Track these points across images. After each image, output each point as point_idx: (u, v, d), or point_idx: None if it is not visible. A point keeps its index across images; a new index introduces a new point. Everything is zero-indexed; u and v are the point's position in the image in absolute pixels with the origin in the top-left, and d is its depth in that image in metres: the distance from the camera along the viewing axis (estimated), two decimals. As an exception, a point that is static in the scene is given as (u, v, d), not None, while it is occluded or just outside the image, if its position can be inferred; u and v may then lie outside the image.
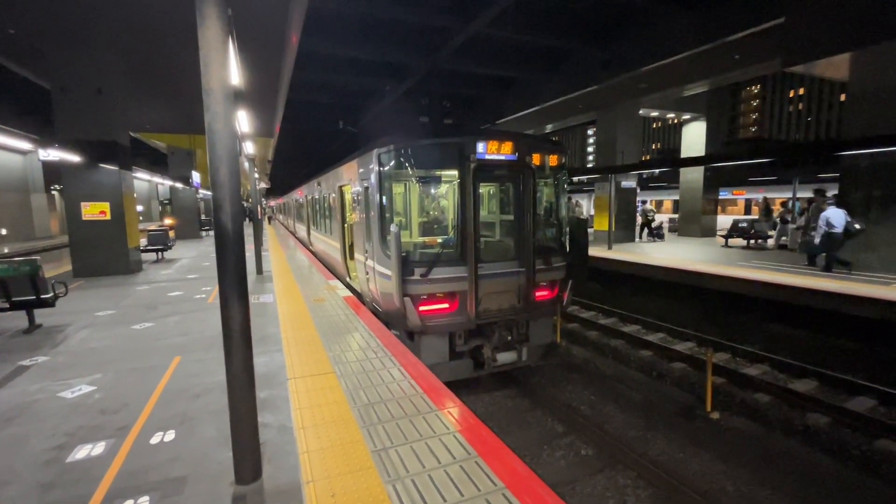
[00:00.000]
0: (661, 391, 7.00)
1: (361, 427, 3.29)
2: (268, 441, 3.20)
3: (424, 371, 4.41)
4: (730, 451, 5.29)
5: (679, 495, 4.49)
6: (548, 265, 6.50)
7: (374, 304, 6.88)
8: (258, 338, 5.65)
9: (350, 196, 8.38)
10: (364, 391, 3.92)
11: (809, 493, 4.56)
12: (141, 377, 4.50)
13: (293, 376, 4.28)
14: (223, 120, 2.33)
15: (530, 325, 6.59)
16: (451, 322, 5.99)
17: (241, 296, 2.41)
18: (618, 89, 13.45)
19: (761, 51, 9.99)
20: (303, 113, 18.27)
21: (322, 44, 10.82)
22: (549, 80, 13.84)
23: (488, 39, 11.07)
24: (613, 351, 8.73)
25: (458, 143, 5.92)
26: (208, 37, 2.21)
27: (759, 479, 4.78)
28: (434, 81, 13.21)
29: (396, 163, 6.04)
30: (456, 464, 2.82)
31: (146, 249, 13.68)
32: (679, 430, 5.78)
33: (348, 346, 5.17)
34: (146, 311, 7.27)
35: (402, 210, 7.53)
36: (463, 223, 5.92)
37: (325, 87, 15.46)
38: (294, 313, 6.70)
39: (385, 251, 6.00)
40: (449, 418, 3.43)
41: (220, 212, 2.36)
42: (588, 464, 5.15)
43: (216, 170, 2.36)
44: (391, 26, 10.80)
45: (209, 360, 4.95)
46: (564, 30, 10.83)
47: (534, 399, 6.68)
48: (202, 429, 3.45)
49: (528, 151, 6.23)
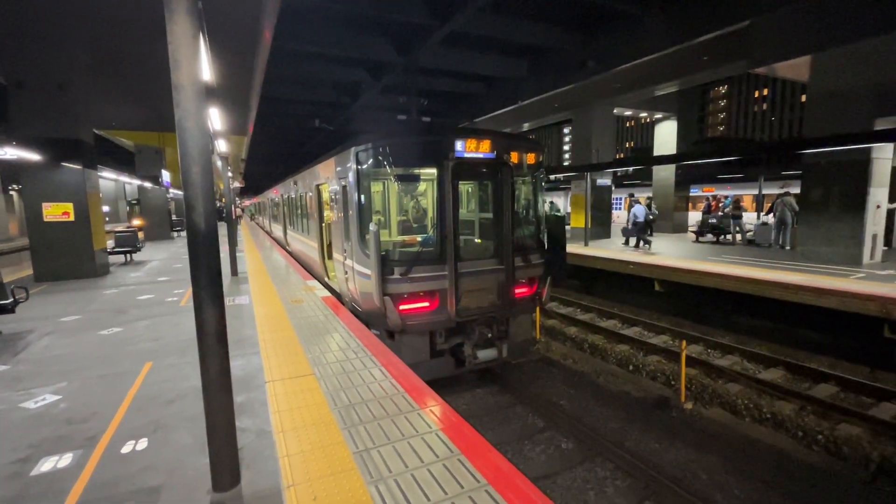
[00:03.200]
0: (636, 383, 7.17)
1: (343, 428, 3.26)
2: (246, 446, 3.13)
3: (405, 370, 4.39)
4: (702, 439, 5.47)
5: (655, 485, 4.62)
6: (526, 262, 6.57)
7: (354, 304, 6.81)
8: (234, 340, 5.51)
9: (328, 195, 8.26)
10: (345, 392, 3.88)
11: (777, 477, 4.76)
12: (110, 384, 4.34)
13: (271, 379, 4.19)
14: (194, 117, 2.26)
15: (510, 321, 6.65)
16: (432, 320, 5.99)
17: (215, 297, 2.35)
18: (593, 88, 13.69)
19: (728, 53, 10.34)
20: (278, 110, 17.89)
21: (296, 40, 10.60)
22: (527, 78, 13.96)
23: (466, 37, 11.08)
24: (591, 346, 8.90)
25: (436, 142, 5.91)
26: (177, 31, 2.14)
27: (731, 466, 4.96)
28: (412, 79, 13.13)
29: (374, 161, 5.99)
30: (439, 462, 2.82)
31: (113, 252, 13.17)
32: (654, 421, 5.94)
33: (328, 346, 5.11)
34: (114, 315, 7.01)
35: (382, 209, 7.47)
36: (442, 221, 5.92)
37: (301, 84, 15.18)
38: (271, 315, 6.57)
39: (364, 250, 5.95)
40: (431, 417, 3.43)
41: (193, 212, 2.30)
42: (568, 457, 5.24)
43: (188, 168, 2.29)
44: (368, 23, 10.68)
45: (183, 364, 4.80)
46: (541, 29, 10.94)
47: (514, 395, 6.75)
48: (177, 436, 3.35)
49: (506, 149, 6.27)
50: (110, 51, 9.50)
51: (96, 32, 8.58)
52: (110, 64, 10.21)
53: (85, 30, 8.52)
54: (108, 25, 8.25)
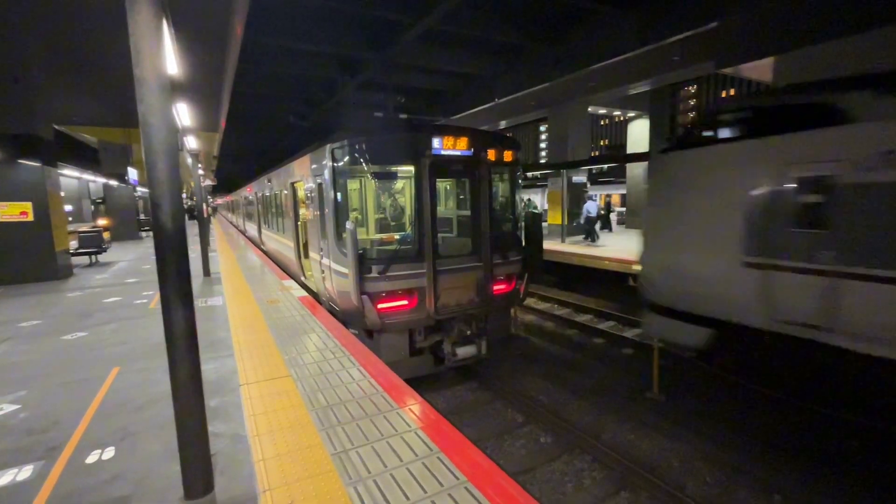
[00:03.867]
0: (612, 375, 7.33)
1: (320, 430, 3.21)
2: (220, 451, 3.05)
3: (384, 369, 4.36)
4: (674, 429, 5.64)
5: (631, 475, 4.73)
6: (504, 259, 6.61)
7: (332, 304, 6.72)
8: (207, 343, 5.36)
9: (303, 193, 8.12)
10: (322, 393, 3.83)
11: (744, 462, 4.94)
12: (74, 392, 4.16)
13: (246, 382, 4.09)
14: (159, 113, 2.17)
15: (489, 318, 6.69)
16: (411, 319, 5.97)
17: (184, 299, 2.28)
18: (568, 87, 13.85)
19: (697, 53, 10.62)
20: (251, 107, 17.42)
21: (269, 34, 10.35)
22: (503, 76, 14.02)
23: (442, 34, 11.04)
24: (567, 339, 9.05)
25: (413, 138, 5.87)
26: (139, 22, 2.05)
27: (701, 454, 5.13)
28: (389, 76, 13.01)
29: (350, 158, 5.91)
30: (418, 461, 2.81)
31: (77, 253, 12.61)
32: (629, 412, 6.09)
33: (305, 347, 5.02)
34: (78, 319, 6.72)
35: (359, 206, 7.39)
36: (420, 219, 5.90)
37: (274, 79, 14.83)
38: (246, 316, 6.42)
39: (341, 249, 5.87)
40: (410, 415, 3.42)
41: (159, 210, 2.22)
42: (547, 451, 5.32)
43: (153, 166, 2.20)
44: (342, 18, 10.52)
45: (153, 368, 4.65)
46: (517, 27, 11.00)
47: (494, 391, 6.80)
48: (146, 443, 3.23)
49: (484, 147, 6.29)
50: (69, 43, 9.04)
51: (52, 22, 8.15)
52: (69, 56, 9.72)
53: (39, 19, 8.08)
54: (66, 15, 7.84)
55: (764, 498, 4.43)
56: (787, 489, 4.52)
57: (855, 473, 4.72)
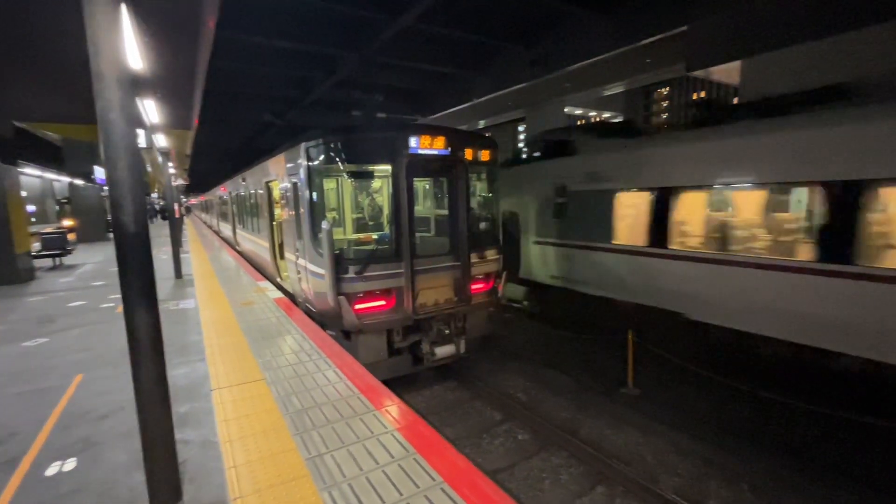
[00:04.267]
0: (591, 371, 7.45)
1: (294, 434, 3.15)
2: (189, 459, 2.96)
3: (361, 371, 4.31)
4: (648, 423, 5.77)
5: (607, 469, 4.81)
6: (482, 258, 6.63)
7: (308, 305, 6.61)
8: (177, 347, 5.21)
9: (278, 192, 7.96)
10: (297, 396, 3.76)
11: (715, 454, 5.10)
12: (33, 401, 3.97)
13: (218, 386, 3.99)
14: (119, 109, 2.09)
15: (467, 317, 6.70)
16: (389, 319, 5.92)
17: (148, 302, 2.20)
18: (545, 88, 14.01)
19: (669, 55, 10.90)
20: (225, 104, 16.96)
21: (243, 30, 10.10)
22: (481, 76, 14.07)
23: (419, 34, 10.99)
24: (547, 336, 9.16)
25: (389, 138, 5.82)
26: (95, 13, 1.96)
27: (674, 447, 5.26)
28: (366, 75, 12.87)
29: (326, 157, 5.82)
30: (394, 463, 2.79)
31: (39, 255, 12.06)
32: (605, 408, 6.20)
33: (280, 350, 4.93)
34: (40, 325, 6.42)
35: (336, 206, 7.30)
36: (397, 218, 5.85)
37: (249, 77, 14.48)
38: (219, 319, 6.25)
39: (317, 249, 5.78)
40: (387, 417, 3.39)
41: (120, 210, 2.13)
42: (525, 448, 5.36)
43: (113, 165, 2.12)
44: (317, 15, 10.35)
45: (118, 375, 4.48)
46: (493, 27, 11.05)
47: (473, 390, 6.81)
48: (110, 453, 3.11)
49: (461, 146, 6.29)
50: (25, 34, 8.63)
51: (5, 11, 7.76)
52: (26, 48, 9.29)
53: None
54: (21, 3, 7.48)
55: (733, 488, 4.57)
56: (755, 478, 4.67)
57: (817, 460, 4.92)
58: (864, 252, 4.94)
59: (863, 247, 4.95)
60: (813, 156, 5.28)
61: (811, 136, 5.33)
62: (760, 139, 5.81)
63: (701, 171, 6.43)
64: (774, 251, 5.90)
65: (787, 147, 5.53)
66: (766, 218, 6.13)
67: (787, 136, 5.55)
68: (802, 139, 5.40)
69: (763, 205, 6.13)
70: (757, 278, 5.78)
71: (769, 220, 6.11)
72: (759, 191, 6.03)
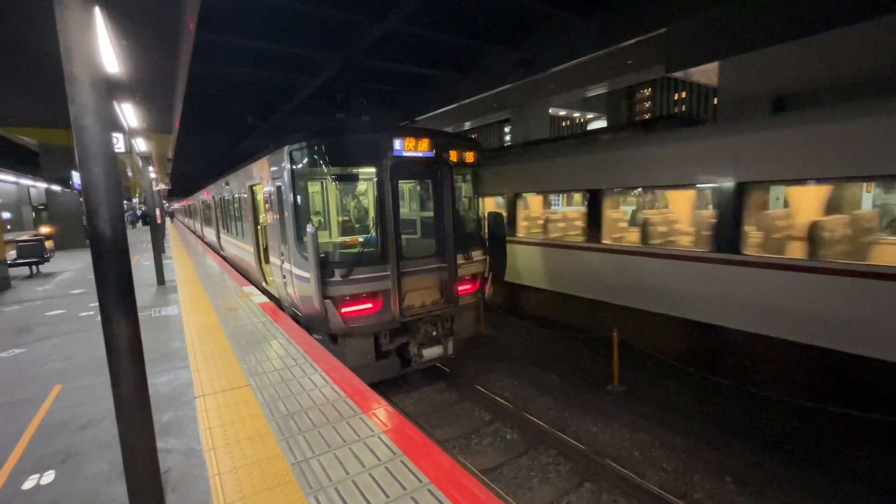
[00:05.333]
0: (577, 372, 7.53)
1: (280, 440, 3.12)
2: (172, 468, 2.92)
3: (348, 374, 4.29)
4: (634, 419, 5.85)
5: (595, 466, 4.87)
6: (468, 259, 6.66)
7: (294, 309, 6.56)
8: (159, 355, 5.13)
9: (262, 196, 7.89)
10: (283, 402, 3.73)
11: (699, 448, 5.19)
12: (9, 413, 3.87)
13: (201, 393, 3.93)
14: (94, 113, 2.06)
15: (455, 318, 6.71)
16: (376, 322, 5.91)
17: (127, 310, 2.17)
18: (529, 89, 14.14)
19: (649, 57, 11.09)
20: (207, 107, 16.70)
21: (224, 33, 9.97)
22: (465, 78, 14.12)
23: (403, 36, 10.99)
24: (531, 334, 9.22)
25: (373, 140, 5.82)
26: (67, 16, 1.93)
27: (660, 442, 5.34)
28: (350, 77, 12.83)
29: (310, 160, 5.79)
30: (381, 465, 2.79)
31: (15, 263, 11.75)
32: (591, 405, 6.27)
33: (265, 355, 4.88)
34: (16, 334, 6.26)
35: (321, 209, 7.26)
36: (382, 221, 5.85)
37: (231, 79, 14.31)
38: (203, 325, 6.16)
39: (302, 253, 5.74)
40: (374, 420, 3.38)
41: (97, 217, 2.10)
42: (513, 447, 5.39)
43: (88, 171, 2.09)
44: (300, 18, 10.29)
45: (99, 385, 4.39)
46: (478, 30, 11.10)
47: (461, 391, 6.83)
48: (90, 464, 3.05)
49: (446, 148, 6.31)
50: (0, 37, 8.41)
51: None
52: (0, 54, 9.05)
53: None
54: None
55: (717, 480, 4.66)
56: (738, 471, 4.77)
57: (796, 451, 5.05)
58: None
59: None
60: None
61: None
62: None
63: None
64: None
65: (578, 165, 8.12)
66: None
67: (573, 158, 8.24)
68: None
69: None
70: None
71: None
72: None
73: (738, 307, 5.74)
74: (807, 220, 5.62)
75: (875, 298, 4.61)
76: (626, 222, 8.74)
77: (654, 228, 7.36)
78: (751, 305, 5.60)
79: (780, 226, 6.12)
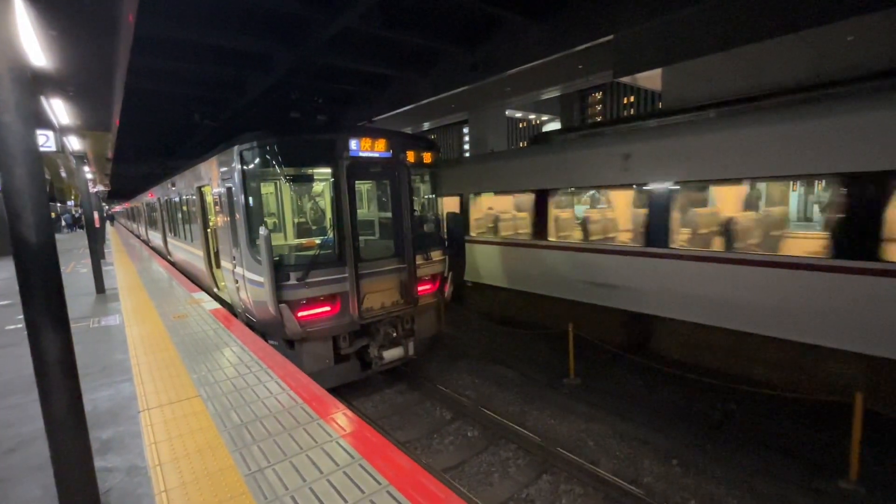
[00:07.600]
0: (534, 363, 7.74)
1: (233, 451, 3.01)
2: (113, 487, 2.75)
3: (305, 380, 4.20)
4: (589, 410, 6.09)
5: (552, 458, 5.03)
6: (428, 260, 6.68)
7: (248, 315, 6.33)
8: (99, 368, 4.80)
9: (212, 198, 7.55)
10: (236, 411, 3.59)
11: (648, 434, 5.48)
12: (-79, 439, 3.50)
13: (146, 407, 3.72)
14: (15, 110, 1.91)
15: (415, 318, 6.71)
16: (334, 325, 5.81)
17: (56, 321, 2.03)
18: (486, 91, 14.35)
19: (598, 62, 11.55)
20: (149, 103, 15.73)
21: (167, 25, 9.43)
22: (423, 79, 14.13)
23: (359, 35, 10.85)
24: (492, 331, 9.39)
25: (328, 140, 5.72)
26: (-18, 7, 1.78)
27: (613, 431, 5.59)
28: (304, 76, 12.51)
29: (262, 160, 5.61)
30: (339, 470, 2.76)
31: (-74, 274, 10.59)
32: (549, 398, 6.46)
33: (217, 364, 4.68)
34: (-72, 353, 5.66)
35: (275, 211, 7.05)
36: (339, 222, 5.76)
37: (176, 75, 13.58)
38: (148, 334, 5.82)
39: (255, 256, 5.55)
40: (332, 425, 3.33)
41: (19, 222, 1.95)
42: (474, 444, 5.47)
43: (9, 172, 1.93)
44: (247, 11, 9.93)
45: (28, 403, 4.06)
46: (433, 31, 11.14)
47: (422, 391, 6.84)
48: (20, 489, 2.82)
49: (403, 148, 6.30)
50: None
51: None
52: None
53: None
54: None
55: (664, 464, 4.94)
56: (683, 454, 5.08)
57: (734, 432, 5.44)
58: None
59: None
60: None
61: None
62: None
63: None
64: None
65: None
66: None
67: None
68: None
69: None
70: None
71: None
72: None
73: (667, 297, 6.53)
74: (724, 217, 6.44)
75: (777, 286, 5.40)
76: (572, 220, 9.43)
77: (594, 226, 8.12)
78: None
79: (702, 222, 6.80)
